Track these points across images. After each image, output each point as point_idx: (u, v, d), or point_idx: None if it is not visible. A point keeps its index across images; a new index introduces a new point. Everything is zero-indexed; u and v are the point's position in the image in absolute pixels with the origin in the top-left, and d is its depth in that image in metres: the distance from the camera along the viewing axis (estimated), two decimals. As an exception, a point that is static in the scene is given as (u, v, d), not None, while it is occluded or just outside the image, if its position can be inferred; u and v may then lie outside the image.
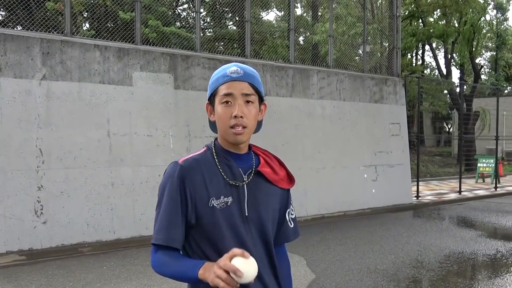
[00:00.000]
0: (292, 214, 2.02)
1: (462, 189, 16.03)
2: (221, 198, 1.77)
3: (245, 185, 1.82)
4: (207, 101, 1.87)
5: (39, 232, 7.88)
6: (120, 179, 8.54)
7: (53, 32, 8.45)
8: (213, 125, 1.90)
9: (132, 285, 6.14)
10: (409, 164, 13.62)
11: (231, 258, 1.57)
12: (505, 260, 7.57)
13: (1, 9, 10.86)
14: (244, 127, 1.77)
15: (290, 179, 2.00)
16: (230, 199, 1.78)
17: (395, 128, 13.21)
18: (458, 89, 24.38)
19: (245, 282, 1.55)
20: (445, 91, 29.77)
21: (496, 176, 17.80)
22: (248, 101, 1.78)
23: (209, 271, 1.59)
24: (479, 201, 14.58)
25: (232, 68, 1.80)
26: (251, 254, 1.71)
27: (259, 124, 1.95)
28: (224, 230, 1.75)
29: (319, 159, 11.57)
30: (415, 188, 14.35)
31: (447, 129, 43.38)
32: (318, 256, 7.73)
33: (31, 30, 8.31)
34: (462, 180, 16.58)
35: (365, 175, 12.46)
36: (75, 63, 8.37)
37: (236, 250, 1.59)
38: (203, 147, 1.89)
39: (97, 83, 8.56)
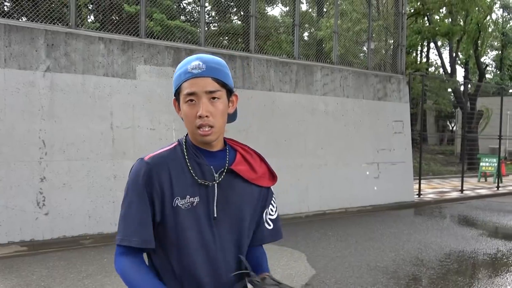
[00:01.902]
0: (271, 215, 1.87)
1: (464, 188, 16.04)
2: (187, 198, 1.65)
3: (215, 185, 1.69)
4: (174, 97, 1.74)
5: (41, 223, 7.91)
6: (122, 172, 8.55)
7: (57, 24, 8.45)
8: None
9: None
10: (411, 162, 13.61)
11: None
12: (505, 260, 7.57)
13: (6, 1, 10.86)
14: (211, 127, 1.63)
15: (272, 176, 1.85)
16: (196, 199, 1.66)
17: (398, 126, 13.20)
18: (462, 88, 24.34)
19: None
20: (449, 90, 29.78)
21: (499, 176, 17.79)
22: (213, 98, 1.63)
23: None
24: (481, 200, 14.57)
25: (193, 63, 1.65)
26: (216, 259, 1.67)
27: (233, 115, 1.84)
28: (187, 232, 1.63)
29: (321, 156, 11.57)
30: (417, 186, 14.35)
31: (450, 128, 43.32)
32: (318, 252, 7.75)
33: (35, 21, 8.31)
34: (465, 179, 16.60)
35: (367, 172, 12.46)
36: (79, 55, 8.38)
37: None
38: (174, 142, 1.77)
39: (101, 75, 8.58)
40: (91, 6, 14.74)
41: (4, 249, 7.41)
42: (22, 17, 9.14)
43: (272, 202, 1.88)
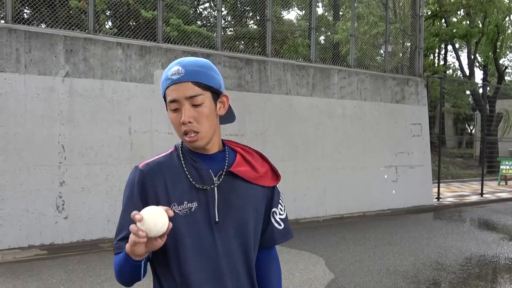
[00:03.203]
0: (281, 214, 1.81)
1: (484, 191, 15.85)
2: (184, 203, 1.61)
3: (215, 188, 1.64)
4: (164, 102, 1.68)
5: (61, 227, 7.97)
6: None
7: (76, 30, 8.53)
8: None
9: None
10: (430, 165, 13.49)
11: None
12: (527, 264, 7.47)
13: (26, 7, 11.00)
14: (196, 132, 1.58)
15: (275, 175, 1.79)
16: (194, 205, 1.61)
17: (417, 129, 13.09)
18: (481, 90, 24.08)
19: (152, 230, 1.38)
20: (468, 92, 29.45)
21: (519, 179, 17.58)
22: (195, 103, 1.58)
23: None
24: (501, 204, 14.39)
25: (173, 68, 1.60)
26: (220, 265, 1.62)
27: (230, 116, 1.78)
28: (185, 238, 1.59)
29: (339, 159, 11.52)
30: (436, 189, 14.21)
31: (469, 131, 42.86)
32: (337, 256, 7.70)
33: (55, 27, 8.41)
34: (484, 182, 16.41)
35: (385, 176, 12.38)
36: (97, 60, 8.45)
37: None
38: (171, 148, 1.73)
39: (119, 80, 8.64)
40: (109, 12, 14.86)
41: (25, 252, 7.48)
42: (42, 24, 9.25)
43: (279, 201, 1.82)
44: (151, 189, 1.62)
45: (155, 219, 1.39)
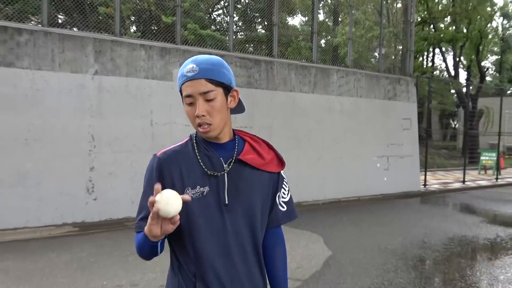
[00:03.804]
0: (284, 198, 1.81)
1: (465, 179, 15.82)
2: (197, 188, 1.62)
3: (225, 174, 1.65)
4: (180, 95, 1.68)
5: (90, 207, 8.03)
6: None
7: (104, 33, 8.54)
8: None
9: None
10: (418, 156, 13.44)
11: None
12: (504, 244, 7.43)
13: (60, 13, 11.02)
14: (209, 124, 1.60)
15: (280, 162, 1.79)
16: (206, 189, 1.62)
17: (407, 123, 13.04)
18: (464, 89, 23.92)
19: (163, 207, 1.39)
20: (453, 91, 29.26)
21: (498, 168, 17.49)
22: (208, 98, 1.58)
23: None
24: (481, 191, 14.33)
25: (188, 66, 1.60)
26: (229, 243, 1.63)
27: (239, 108, 1.77)
28: (197, 219, 1.60)
29: (337, 150, 11.50)
30: (423, 177, 14.18)
31: (453, 125, 42.63)
32: (334, 235, 7.71)
33: (85, 31, 8.42)
34: (466, 171, 16.39)
35: (378, 165, 12.35)
36: (123, 60, 8.45)
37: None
38: (187, 137, 1.74)
39: (142, 78, 8.65)
40: (133, 17, 14.85)
41: (59, 229, 7.55)
42: (74, 28, 9.25)
43: (283, 185, 1.82)
44: (168, 175, 1.64)
45: (168, 198, 1.41)
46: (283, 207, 1.81)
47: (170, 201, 1.40)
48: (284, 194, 1.83)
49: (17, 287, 5.01)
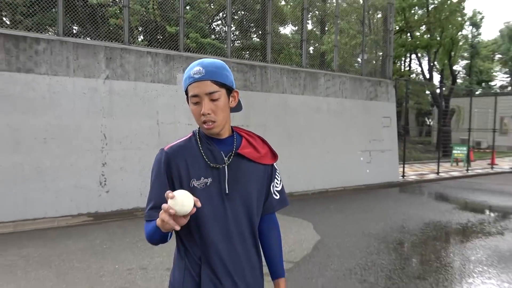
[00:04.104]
0: (277, 187, 1.81)
1: (439, 171, 15.83)
2: (201, 179, 1.61)
3: (225, 166, 1.64)
4: (186, 96, 1.66)
5: (103, 199, 7.98)
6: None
7: (114, 42, 8.47)
8: None
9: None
10: (397, 150, 13.45)
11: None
12: (474, 228, 7.44)
13: (75, 24, 10.95)
14: (213, 122, 1.59)
15: (273, 155, 1.78)
16: (209, 180, 1.62)
17: (386, 121, 13.03)
18: (438, 90, 23.94)
19: (177, 207, 1.38)
20: (427, 92, 29.26)
21: (468, 161, 17.52)
22: (213, 98, 1.58)
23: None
24: (453, 181, 14.35)
25: (195, 68, 1.59)
26: (230, 228, 1.63)
27: (238, 107, 1.74)
28: (202, 208, 1.56)
29: (325, 145, 11.48)
30: (401, 169, 14.18)
31: (428, 123, 42.67)
32: (323, 222, 7.70)
33: (97, 40, 8.35)
34: (440, 163, 16.41)
35: (361, 158, 12.34)
36: (131, 66, 8.40)
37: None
38: (190, 133, 1.73)
39: (149, 82, 8.59)
40: (141, 28, 14.77)
41: (75, 219, 7.51)
42: (87, 37, 9.19)
43: (276, 176, 1.81)
44: (175, 167, 1.62)
45: (183, 200, 1.40)
46: (277, 196, 1.81)
47: (184, 202, 1.40)
48: (277, 184, 1.83)
49: (37, 271, 4.97)
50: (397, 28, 22.48)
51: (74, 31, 10.94)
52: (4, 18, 9.93)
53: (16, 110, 7.25)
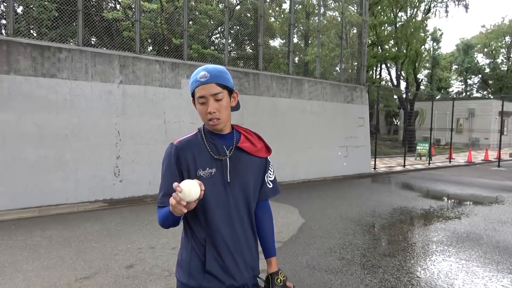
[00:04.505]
0: (270, 177, 1.78)
1: (405, 164, 15.87)
2: (207, 169, 1.59)
3: (227, 158, 1.62)
4: (192, 98, 1.65)
5: (117, 187, 7.88)
6: (172, 152, 8.47)
7: (127, 51, 8.34)
8: None
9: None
10: (369, 146, 13.45)
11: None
12: (436, 213, 7.45)
13: (93, 36, 10.80)
14: (218, 119, 1.58)
15: (267, 149, 1.76)
16: (214, 170, 1.59)
17: (361, 121, 13.02)
18: (404, 95, 24.01)
19: (187, 198, 1.36)
20: (395, 96, 29.35)
21: (429, 155, 17.60)
22: (218, 98, 1.57)
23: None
24: (417, 172, 14.41)
25: (201, 73, 1.58)
26: (232, 213, 1.61)
27: (237, 107, 1.71)
28: (208, 194, 1.56)
29: (308, 141, 11.44)
30: (373, 162, 14.20)
31: (396, 123, 42.89)
32: (306, 207, 7.67)
33: (112, 49, 8.22)
34: (406, 157, 16.44)
35: (339, 153, 12.33)
36: (142, 72, 8.28)
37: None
38: (195, 130, 1.70)
39: (157, 86, 8.48)
40: (150, 40, 14.61)
41: (92, 205, 7.40)
42: (103, 47, 9.05)
43: (269, 167, 1.79)
44: (183, 159, 1.60)
45: (189, 189, 1.37)
46: (270, 185, 1.79)
47: (191, 192, 1.38)
48: (270, 174, 1.81)
49: (58, 250, 4.88)
50: (370, 42, 22.49)
51: (92, 42, 10.77)
52: (31, 31, 9.75)
53: (41, 110, 7.12)
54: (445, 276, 4.23)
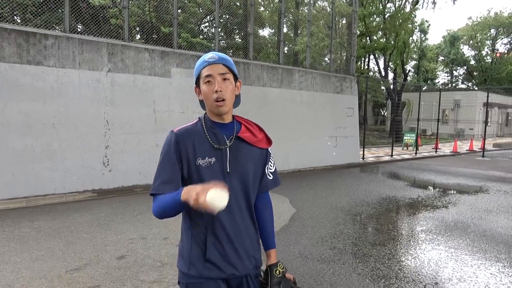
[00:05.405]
0: (271, 169, 1.76)
1: (393, 154, 16.01)
2: (206, 158, 1.56)
3: (227, 148, 1.59)
4: (195, 85, 1.64)
5: (106, 177, 7.76)
6: (161, 142, 8.31)
7: (116, 39, 8.14)
8: (202, 104, 1.67)
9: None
10: (358, 136, 13.51)
11: (208, 189, 1.33)
12: (423, 202, 7.52)
13: (79, 23, 10.51)
14: (223, 100, 1.55)
15: (268, 140, 1.75)
16: (213, 159, 1.56)
17: (350, 111, 13.04)
18: (392, 86, 24.14)
19: (217, 207, 1.33)
20: (383, 87, 29.53)
21: (416, 145, 17.77)
22: (224, 79, 1.57)
23: (188, 195, 1.35)
24: (404, 162, 14.54)
25: (209, 55, 1.59)
26: (231, 202, 1.54)
27: (238, 99, 1.70)
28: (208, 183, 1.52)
29: (298, 131, 11.42)
30: (361, 152, 14.28)
31: (383, 113, 43.21)
32: (297, 197, 7.66)
33: (100, 37, 8.01)
34: (393, 147, 16.58)
35: (329, 143, 12.35)
36: (131, 60, 8.10)
37: (213, 183, 1.36)
38: (196, 119, 1.67)
39: (146, 75, 8.32)
40: (138, 28, 14.32)
41: (81, 195, 7.28)
42: (91, 35, 8.83)
43: (270, 159, 1.77)
44: (183, 147, 1.57)
45: (219, 202, 1.33)
46: (270, 176, 1.76)
47: (215, 202, 1.32)
48: (271, 166, 1.78)
49: (48, 242, 4.78)
50: (359, 33, 22.47)
51: (79, 30, 10.49)
52: (15, 17, 9.44)
53: (27, 98, 6.92)
54: (435, 264, 4.27)
